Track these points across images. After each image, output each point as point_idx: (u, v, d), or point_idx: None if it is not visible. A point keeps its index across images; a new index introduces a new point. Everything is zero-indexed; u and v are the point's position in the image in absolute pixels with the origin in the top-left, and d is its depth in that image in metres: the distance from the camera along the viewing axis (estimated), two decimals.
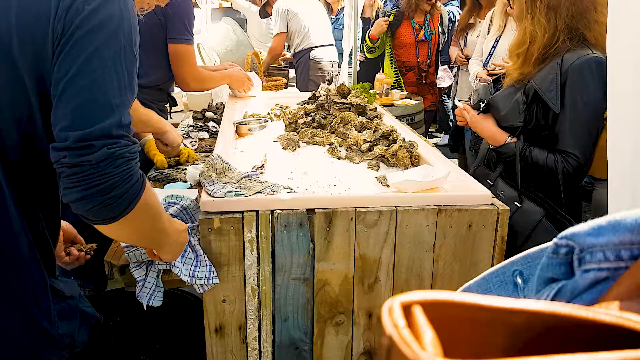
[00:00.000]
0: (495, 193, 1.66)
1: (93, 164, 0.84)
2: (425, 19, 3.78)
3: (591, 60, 1.56)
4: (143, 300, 1.24)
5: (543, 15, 1.61)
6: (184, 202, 1.33)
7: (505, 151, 1.71)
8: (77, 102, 0.85)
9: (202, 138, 2.26)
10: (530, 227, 1.59)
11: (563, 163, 1.59)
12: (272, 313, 1.33)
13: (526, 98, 1.64)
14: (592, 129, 1.59)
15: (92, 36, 0.85)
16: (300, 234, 1.28)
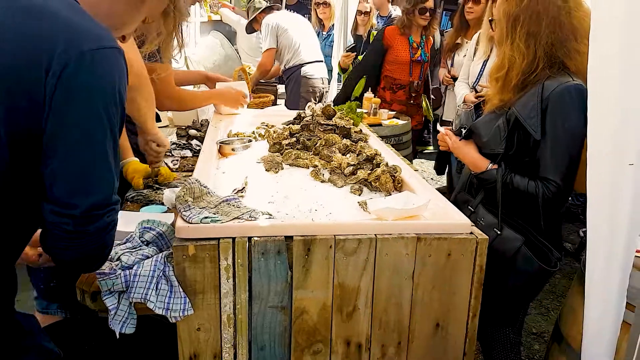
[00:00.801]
0: (476, 220, 1.67)
1: (93, 233, 0.91)
2: (422, 39, 3.78)
3: (572, 87, 1.56)
4: (115, 328, 1.21)
5: (522, 42, 1.61)
6: (160, 227, 1.30)
7: (486, 178, 1.70)
8: (78, 171, 0.88)
9: (185, 157, 2.24)
10: (509, 254, 1.59)
11: (544, 190, 1.58)
12: (248, 341, 1.31)
13: (507, 124, 1.64)
14: (573, 155, 1.58)
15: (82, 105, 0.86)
16: (278, 261, 1.26)
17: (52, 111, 0.83)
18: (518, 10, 1.62)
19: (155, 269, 1.18)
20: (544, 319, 2.94)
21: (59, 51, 0.83)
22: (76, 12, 0.89)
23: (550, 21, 1.58)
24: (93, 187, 0.90)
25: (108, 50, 0.88)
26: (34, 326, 1.05)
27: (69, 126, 0.85)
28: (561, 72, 1.61)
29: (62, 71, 0.83)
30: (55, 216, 0.88)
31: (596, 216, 1.27)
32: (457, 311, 1.37)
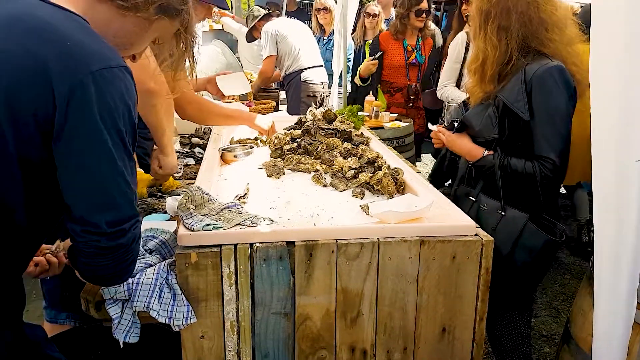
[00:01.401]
0: (479, 207, 1.74)
1: (126, 245, 0.94)
2: (418, 42, 3.76)
3: (552, 67, 1.64)
4: (119, 337, 1.21)
5: (494, 35, 1.71)
6: (163, 235, 1.30)
7: (484, 164, 1.75)
8: (96, 190, 0.90)
9: (188, 165, 2.24)
10: (516, 232, 1.63)
11: (540, 168, 1.64)
12: (252, 349, 1.29)
13: (497, 111, 1.71)
14: (562, 131, 1.65)
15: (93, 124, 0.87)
16: (280, 267, 1.25)
17: (63, 132, 0.85)
18: (489, 6, 1.71)
19: (158, 278, 1.18)
20: (554, 321, 2.90)
21: (68, 74, 0.84)
22: (87, 34, 0.91)
23: (520, 16, 1.67)
24: (114, 204, 0.92)
25: (116, 69, 0.90)
26: (41, 337, 1.05)
27: (82, 146, 0.87)
28: (538, 57, 1.69)
29: (70, 93, 0.84)
30: (86, 235, 0.91)
31: (603, 215, 1.25)
32: (463, 315, 1.35)
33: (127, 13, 0.97)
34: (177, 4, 1.04)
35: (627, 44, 1.14)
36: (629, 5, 1.12)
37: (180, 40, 1.11)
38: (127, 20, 0.98)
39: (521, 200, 1.70)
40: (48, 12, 0.89)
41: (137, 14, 0.98)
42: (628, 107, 1.17)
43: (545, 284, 3.31)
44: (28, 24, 0.86)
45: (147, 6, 0.98)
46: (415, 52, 3.74)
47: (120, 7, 0.96)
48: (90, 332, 1.69)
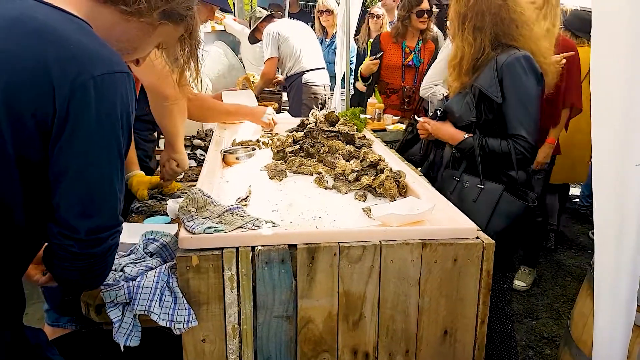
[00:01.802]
0: (462, 185, 1.98)
1: (99, 255, 0.94)
2: (417, 45, 3.75)
3: (520, 56, 1.89)
4: (120, 340, 1.20)
5: (470, 35, 1.95)
6: (163, 238, 1.30)
7: (465, 146, 1.98)
8: (84, 193, 0.89)
9: (190, 167, 2.24)
10: (494, 201, 1.87)
11: (514, 145, 1.88)
12: (254, 352, 1.29)
13: (474, 97, 1.95)
14: (532, 111, 1.89)
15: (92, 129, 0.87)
16: (282, 270, 1.25)
17: (62, 135, 0.85)
18: (466, 9, 1.96)
19: (159, 281, 1.18)
20: (555, 323, 2.90)
21: (69, 76, 0.84)
22: (88, 36, 0.90)
23: (493, 17, 1.92)
24: (98, 210, 0.92)
25: (118, 75, 0.89)
26: (42, 340, 1.05)
27: (78, 150, 0.87)
28: (507, 48, 1.93)
29: (71, 96, 0.84)
30: (61, 238, 0.90)
31: (603, 218, 1.25)
32: (465, 317, 1.35)
33: (131, 18, 0.97)
34: (181, 9, 1.04)
35: (629, 46, 1.14)
36: (631, 6, 1.12)
37: (185, 45, 1.11)
38: (131, 25, 0.98)
39: (498, 175, 1.94)
40: (48, 14, 0.88)
41: (141, 19, 0.98)
42: (629, 111, 1.17)
43: (546, 286, 3.31)
44: (28, 25, 0.85)
45: (151, 11, 0.98)
46: (413, 54, 3.72)
47: (123, 12, 0.96)
48: (91, 336, 1.70)
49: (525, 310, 3.02)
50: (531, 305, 3.09)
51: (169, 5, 1.01)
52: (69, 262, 0.93)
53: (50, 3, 0.90)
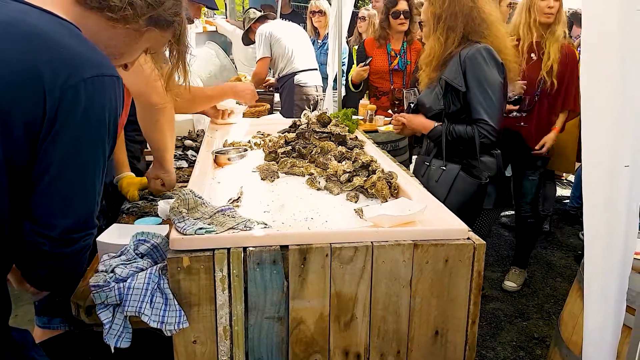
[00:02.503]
0: (430, 169, 2.20)
1: (70, 255, 0.94)
2: (402, 47, 3.74)
3: (481, 48, 2.08)
4: (110, 342, 1.19)
5: (443, 34, 2.12)
6: (154, 239, 1.29)
7: (435, 133, 2.19)
8: (63, 192, 0.89)
9: (181, 167, 2.23)
10: (451, 180, 2.10)
11: (478, 130, 2.07)
12: (245, 353, 1.29)
13: (442, 89, 2.14)
14: (494, 97, 2.06)
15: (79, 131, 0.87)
16: (274, 271, 1.25)
17: (49, 137, 0.84)
18: (441, 11, 2.11)
19: (149, 282, 1.17)
20: (545, 324, 2.92)
21: (60, 79, 0.83)
22: (78, 40, 0.90)
23: (464, 17, 2.09)
24: (75, 211, 0.91)
25: (107, 78, 0.89)
26: (28, 340, 1.04)
27: (62, 150, 0.86)
28: (470, 43, 2.11)
29: (61, 98, 0.83)
30: (34, 235, 0.89)
31: (593, 218, 1.26)
32: (456, 318, 1.35)
33: (117, 24, 0.97)
34: (168, 16, 1.03)
35: (618, 47, 1.15)
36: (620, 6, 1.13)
37: (173, 50, 1.11)
38: (117, 31, 0.98)
39: (463, 159, 2.14)
40: (39, 18, 0.88)
41: (127, 26, 0.98)
42: (618, 113, 1.18)
43: (536, 286, 3.33)
44: (19, 29, 0.85)
45: (137, 18, 0.98)
46: (399, 57, 3.71)
47: (109, 19, 0.96)
48: (81, 337, 1.68)
49: (515, 311, 3.04)
50: (522, 305, 3.11)
51: (156, 11, 1.00)
52: (39, 260, 0.93)
53: (40, 7, 0.90)
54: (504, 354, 2.65)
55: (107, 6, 0.94)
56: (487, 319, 2.92)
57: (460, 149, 2.15)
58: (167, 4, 1.02)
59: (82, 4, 0.94)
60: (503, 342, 2.74)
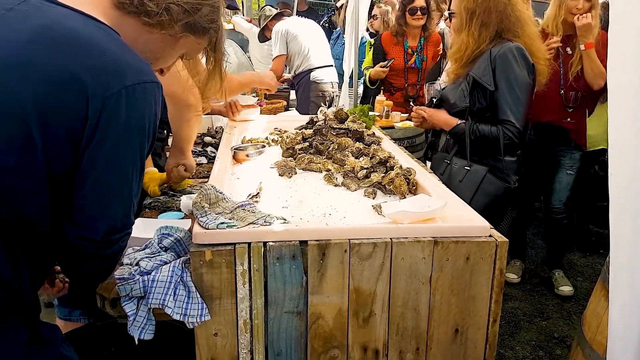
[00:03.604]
0: (451, 167, 2.14)
1: (109, 256, 0.97)
2: (420, 43, 3.72)
3: (512, 46, 2.03)
4: (134, 333, 1.22)
5: (476, 30, 2.07)
6: (177, 233, 1.31)
7: (457, 131, 2.14)
8: (105, 197, 0.91)
9: (200, 163, 2.26)
10: (478, 182, 2.03)
11: (503, 130, 2.02)
12: (264, 347, 1.30)
13: (468, 85, 2.09)
14: (522, 99, 2.02)
15: (120, 137, 0.88)
16: (293, 266, 1.26)
17: (92, 143, 0.86)
18: (474, 5, 2.06)
19: (173, 275, 1.19)
20: (565, 323, 2.88)
21: (102, 86, 0.84)
22: (118, 45, 0.91)
23: (499, 14, 2.05)
24: (115, 213, 0.94)
25: (148, 84, 0.90)
26: (57, 336, 1.06)
27: (104, 155, 0.88)
28: (501, 40, 2.06)
29: (104, 105, 0.84)
30: (77, 238, 0.92)
31: (619, 217, 1.24)
32: (476, 316, 1.35)
33: (153, 30, 0.98)
34: (204, 22, 1.04)
35: None
36: None
37: (209, 58, 1.12)
38: (153, 36, 0.99)
39: (485, 158, 2.09)
40: (80, 23, 0.89)
41: (162, 31, 0.99)
42: None
43: None
44: (60, 33, 0.86)
45: (172, 24, 0.99)
46: (416, 55, 3.69)
47: (145, 24, 0.97)
48: (104, 329, 1.71)
49: (535, 310, 3.00)
50: (541, 305, 3.07)
51: (192, 18, 1.00)
52: (81, 261, 0.96)
53: (80, 10, 0.91)
54: (523, 353, 2.62)
55: (144, 11, 0.95)
56: (506, 318, 2.90)
57: (482, 149, 2.10)
58: (203, 11, 1.02)
59: (120, 8, 0.95)
60: (522, 341, 2.71)
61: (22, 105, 0.81)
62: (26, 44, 0.83)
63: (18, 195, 0.86)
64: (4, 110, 0.81)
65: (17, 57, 0.82)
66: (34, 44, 0.84)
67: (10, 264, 0.88)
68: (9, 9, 0.86)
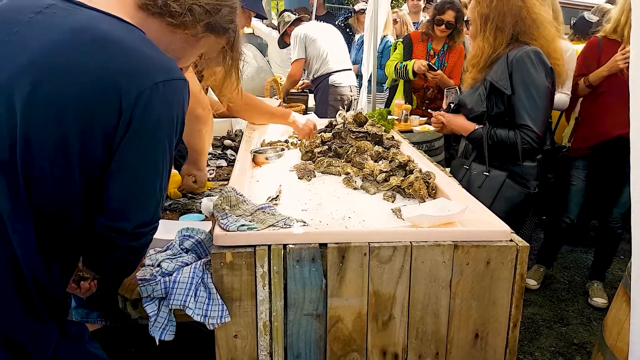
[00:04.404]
0: (470, 173, 2.14)
1: (136, 248, 0.99)
2: (443, 48, 3.71)
3: (529, 50, 2.00)
4: (155, 334, 1.23)
5: (492, 34, 2.07)
6: (199, 235, 1.33)
7: (475, 136, 2.13)
8: (136, 190, 0.94)
9: (220, 166, 2.28)
10: (497, 187, 2.02)
11: (521, 135, 1.99)
12: (284, 349, 1.31)
13: (485, 90, 2.07)
14: (540, 103, 1.98)
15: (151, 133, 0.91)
16: (312, 268, 1.26)
17: (124, 139, 0.88)
18: (488, 10, 2.05)
19: (194, 276, 1.20)
20: (585, 330, 2.83)
21: (135, 84, 0.87)
22: (147, 45, 0.94)
23: (513, 17, 2.02)
24: (146, 206, 0.96)
25: (178, 81, 0.93)
26: (84, 333, 1.09)
27: (135, 150, 0.91)
28: (518, 44, 2.04)
29: (136, 102, 0.87)
30: (106, 229, 0.94)
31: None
32: (496, 321, 1.33)
33: (176, 30, 1.01)
34: (224, 22, 1.07)
35: None
36: None
37: (227, 57, 1.15)
38: (176, 36, 1.03)
39: (504, 164, 2.08)
40: (109, 24, 0.91)
41: (185, 31, 1.02)
42: None
43: (576, 291, 3.23)
44: (91, 34, 0.88)
45: (195, 24, 1.02)
46: (436, 57, 3.69)
47: (169, 24, 1.00)
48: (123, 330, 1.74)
49: (554, 316, 2.96)
50: (561, 311, 3.02)
51: (213, 18, 1.03)
52: (109, 252, 0.98)
53: (108, 12, 0.94)
54: (542, 359, 2.58)
55: (168, 12, 0.98)
56: (525, 324, 2.86)
57: (501, 154, 2.08)
58: (223, 11, 1.05)
59: (145, 9, 0.98)
60: (542, 347, 2.68)
61: (59, 105, 0.84)
62: (60, 45, 0.86)
63: (59, 189, 0.89)
64: (40, 110, 0.84)
65: (51, 59, 0.85)
66: (67, 46, 0.86)
67: (43, 261, 0.91)
68: (37, 12, 0.89)
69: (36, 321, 0.93)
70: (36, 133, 0.84)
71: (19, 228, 0.86)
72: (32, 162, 0.84)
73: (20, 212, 0.86)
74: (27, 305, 0.91)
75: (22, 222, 0.86)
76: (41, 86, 0.83)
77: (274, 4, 9.27)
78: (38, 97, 0.83)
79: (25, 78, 0.83)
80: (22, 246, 0.87)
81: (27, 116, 0.83)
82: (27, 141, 0.83)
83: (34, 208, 0.87)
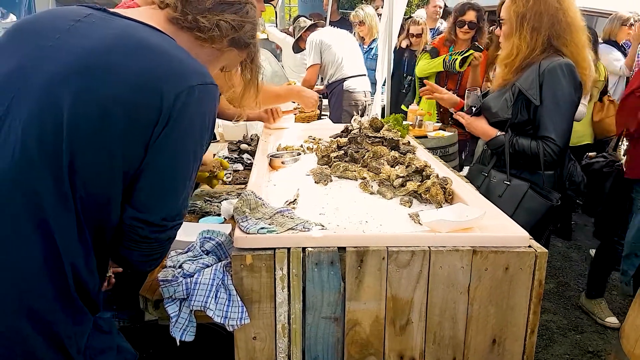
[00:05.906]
0: (489, 180, 2.11)
1: (162, 240, 1.02)
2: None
3: (562, 63, 1.99)
4: (176, 335, 1.25)
5: (528, 34, 2.02)
6: (219, 237, 1.35)
7: (496, 143, 2.10)
8: (167, 184, 0.98)
9: (237, 170, 2.31)
10: (519, 198, 1.98)
11: (544, 146, 1.98)
12: (302, 351, 1.32)
13: (513, 96, 2.04)
14: (566, 116, 1.99)
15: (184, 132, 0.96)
16: (331, 272, 1.28)
17: (160, 137, 0.93)
18: (525, 9, 2.01)
19: (214, 278, 1.22)
20: (600, 337, 2.80)
21: (173, 86, 0.92)
22: (182, 52, 1.00)
23: (550, 18, 1.99)
24: (174, 200, 1.00)
25: (211, 86, 0.99)
26: (113, 326, 1.13)
27: (169, 149, 0.95)
28: (553, 54, 2.02)
29: (174, 104, 0.92)
30: (134, 220, 0.97)
31: None
32: (514, 327, 1.33)
33: (204, 44, 1.07)
34: (247, 38, 1.13)
35: None
36: None
37: (246, 70, 1.20)
38: (204, 50, 1.08)
39: (525, 173, 2.05)
40: (145, 31, 0.97)
41: (212, 45, 1.07)
42: None
43: None
44: (130, 40, 0.94)
45: (221, 39, 1.08)
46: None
47: (198, 38, 1.06)
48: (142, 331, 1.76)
49: (569, 324, 2.93)
50: (575, 318, 3.00)
51: (237, 34, 1.10)
52: (135, 243, 1.01)
53: (145, 22, 0.99)
54: None
55: (197, 27, 1.04)
56: (540, 331, 2.84)
57: (520, 162, 2.06)
58: (247, 27, 1.11)
59: (175, 23, 1.04)
60: (556, 354, 2.65)
61: (105, 101, 0.89)
62: (104, 47, 0.92)
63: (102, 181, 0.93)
64: (86, 106, 0.89)
65: (97, 59, 0.91)
66: (111, 48, 0.92)
67: (82, 252, 0.95)
68: (77, 20, 0.96)
69: (72, 311, 0.96)
70: (81, 127, 0.88)
71: (61, 218, 0.90)
72: (76, 154, 0.89)
73: (63, 203, 0.90)
74: (64, 295, 0.94)
75: (64, 212, 0.90)
76: (88, 84, 0.89)
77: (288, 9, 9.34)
78: (84, 94, 0.88)
79: (72, 77, 0.89)
80: (64, 236, 0.91)
81: (73, 111, 0.88)
82: (72, 135, 0.88)
83: (76, 198, 0.91)
